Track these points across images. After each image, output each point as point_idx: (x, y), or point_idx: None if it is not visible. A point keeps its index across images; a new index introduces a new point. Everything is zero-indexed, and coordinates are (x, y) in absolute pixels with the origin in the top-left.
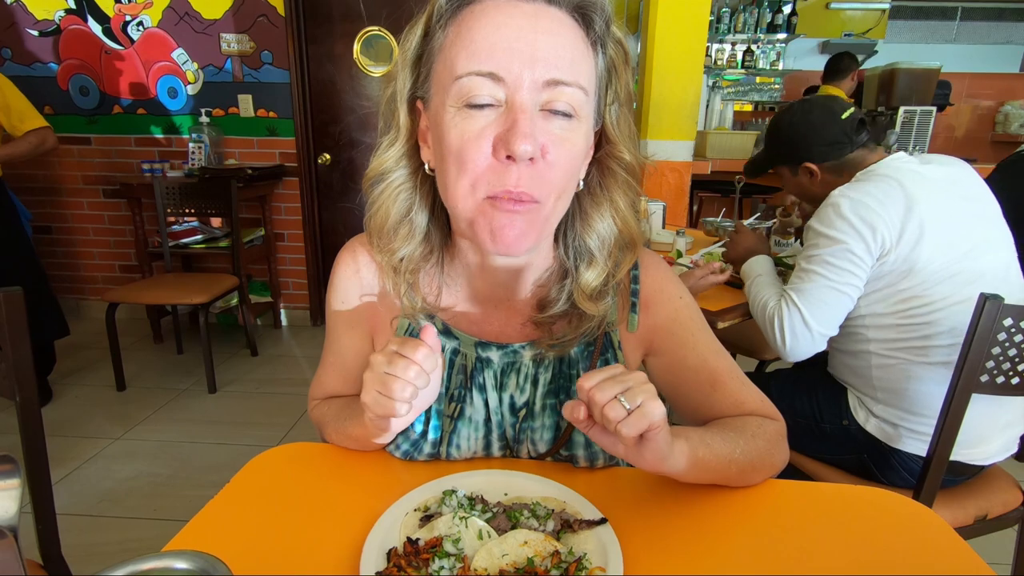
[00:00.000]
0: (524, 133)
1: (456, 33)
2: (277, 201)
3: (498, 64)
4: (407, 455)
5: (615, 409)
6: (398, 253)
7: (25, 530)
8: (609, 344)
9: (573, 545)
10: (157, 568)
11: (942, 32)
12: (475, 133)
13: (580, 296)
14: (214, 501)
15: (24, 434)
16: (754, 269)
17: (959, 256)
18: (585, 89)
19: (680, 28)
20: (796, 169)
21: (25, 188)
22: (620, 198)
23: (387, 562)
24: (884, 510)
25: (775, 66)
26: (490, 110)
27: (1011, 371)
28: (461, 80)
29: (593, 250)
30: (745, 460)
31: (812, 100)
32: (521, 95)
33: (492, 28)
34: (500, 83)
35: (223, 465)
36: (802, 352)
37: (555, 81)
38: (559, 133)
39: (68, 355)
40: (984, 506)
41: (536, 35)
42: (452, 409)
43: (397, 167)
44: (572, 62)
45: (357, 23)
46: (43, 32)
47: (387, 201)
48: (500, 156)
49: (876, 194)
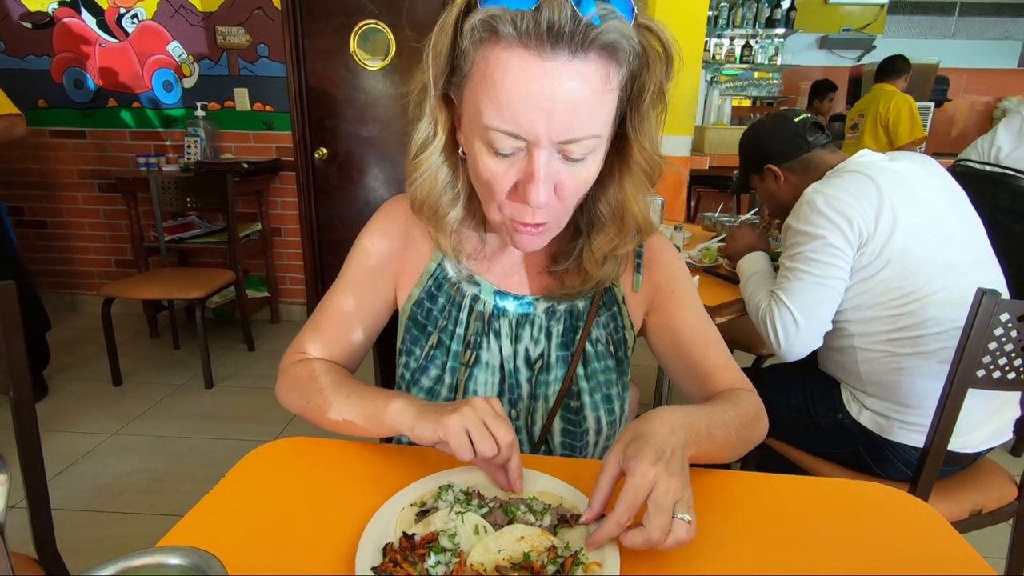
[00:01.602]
0: (539, 188)
1: (483, 79)
2: (274, 196)
3: (519, 126)
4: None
5: (681, 528)
6: (448, 216)
7: (20, 525)
8: (614, 300)
9: (570, 540)
10: (150, 564)
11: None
12: (500, 174)
13: (588, 258)
14: (209, 496)
15: (18, 429)
16: (749, 267)
17: (934, 246)
18: (599, 135)
19: (678, 22)
20: (763, 174)
21: (18, 182)
22: (631, 188)
23: (383, 557)
24: (881, 504)
25: (773, 61)
26: (514, 154)
27: (1007, 366)
28: (488, 131)
29: (604, 218)
30: (736, 439)
31: (767, 114)
32: (538, 151)
33: (515, 87)
34: (521, 139)
35: (220, 461)
36: (798, 350)
37: (571, 140)
38: (573, 171)
39: (64, 350)
40: (979, 500)
41: (555, 99)
42: (468, 357)
43: (434, 143)
44: (588, 117)
45: (354, 16)
46: (36, 24)
47: (432, 174)
48: (520, 197)
49: (848, 188)
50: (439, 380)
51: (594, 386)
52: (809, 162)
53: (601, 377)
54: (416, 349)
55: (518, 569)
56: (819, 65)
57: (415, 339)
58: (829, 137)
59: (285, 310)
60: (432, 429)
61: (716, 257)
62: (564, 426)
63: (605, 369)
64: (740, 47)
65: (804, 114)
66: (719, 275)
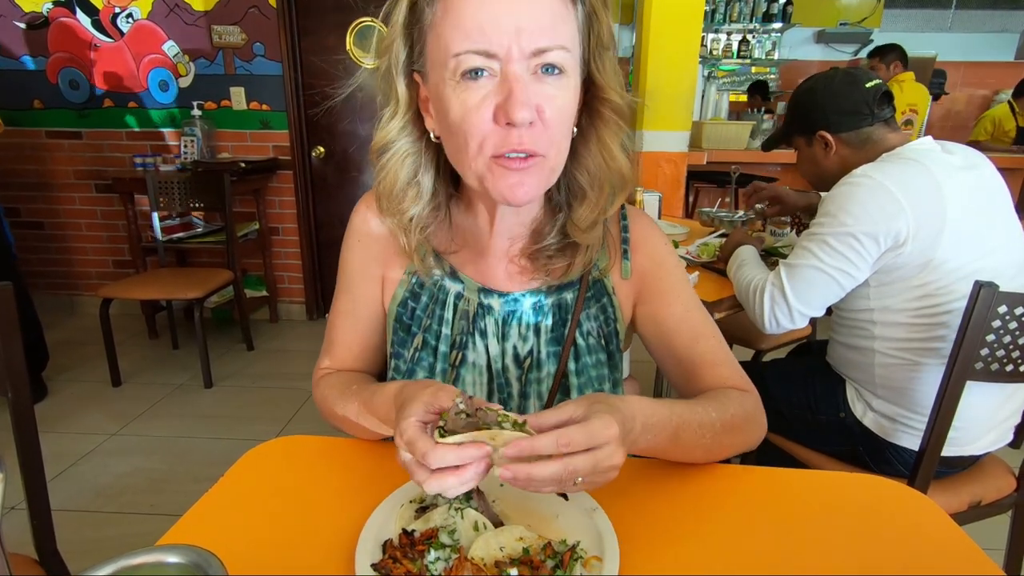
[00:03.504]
0: (520, 102)
1: (444, 10)
2: (271, 195)
3: (489, 41)
4: None
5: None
6: (408, 213)
7: (20, 526)
8: (604, 291)
9: (567, 537)
10: (150, 562)
11: (937, 20)
12: (476, 103)
13: (573, 228)
14: (208, 495)
15: (17, 431)
16: (739, 255)
17: (980, 255)
18: (568, 48)
19: (675, 17)
20: (811, 139)
21: (15, 183)
22: (610, 139)
23: (383, 554)
24: (879, 497)
25: (771, 56)
26: (487, 79)
27: (1005, 358)
28: (458, 58)
29: (584, 187)
30: (713, 443)
31: (838, 68)
32: (513, 66)
33: (478, 6)
34: (493, 57)
35: (220, 460)
36: (780, 326)
37: (541, 49)
38: (551, 92)
39: (62, 351)
40: (978, 492)
41: (519, 10)
42: (455, 357)
43: (400, 136)
44: (554, 26)
45: (350, 14)
46: (31, 25)
47: (394, 167)
48: (501, 122)
49: (901, 178)
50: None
51: (585, 381)
52: (869, 137)
53: (593, 372)
54: (404, 351)
55: (517, 564)
56: (816, 59)
57: (402, 341)
58: (894, 111)
59: (284, 309)
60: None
61: (715, 252)
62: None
63: (597, 363)
64: (737, 42)
65: (878, 80)
66: (717, 270)
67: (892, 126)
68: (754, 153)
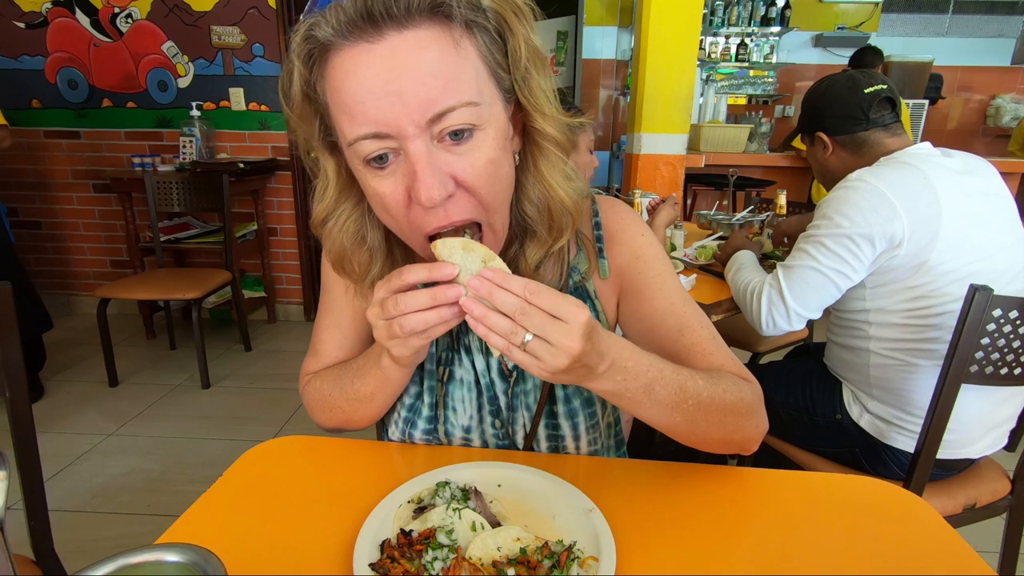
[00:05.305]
0: (427, 184)
1: (331, 94)
2: (270, 195)
3: (376, 122)
4: (405, 432)
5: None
6: (368, 277)
7: (17, 526)
8: (586, 296)
9: (564, 537)
10: (149, 561)
11: (934, 25)
12: (389, 190)
13: (524, 264)
14: (207, 495)
15: (14, 430)
16: (738, 259)
17: (976, 258)
18: (473, 100)
19: (673, 21)
20: (812, 139)
21: (13, 183)
22: (548, 170)
23: (381, 554)
24: (874, 499)
25: (769, 59)
26: (393, 162)
27: (1000, 361)
28: (353, 146)
29: (532, 221)
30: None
31: (848, 71)
32: (411, 144)
33: (356, 85)
34: (388, 138)
35: (217, 461)
36: (777, 328)
37: (439, 114)
38: (466, 160)
39: (60, 351)
40: (973, 495)
41: (398, 78)
42: (442, 372)
43: (338, 207)
44: (445, 83)
45: None
46: (30, 24)
47: (339, 236)
48: (418, 206)
49: (896, 181)
50: (419, 396)
51: (573, 391)
52: (864, 142)
53: None
54: None
55: (514, 564)
56: (814, 63)
57: None
58: (896, 116)
59: (282, 310)
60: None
61: (712, 255)
62: (549, 432)
63: None
64: (735, 45)
65: (880, 85)
66: (714, 273)
67: (892, 131)
68: (752, 156)
